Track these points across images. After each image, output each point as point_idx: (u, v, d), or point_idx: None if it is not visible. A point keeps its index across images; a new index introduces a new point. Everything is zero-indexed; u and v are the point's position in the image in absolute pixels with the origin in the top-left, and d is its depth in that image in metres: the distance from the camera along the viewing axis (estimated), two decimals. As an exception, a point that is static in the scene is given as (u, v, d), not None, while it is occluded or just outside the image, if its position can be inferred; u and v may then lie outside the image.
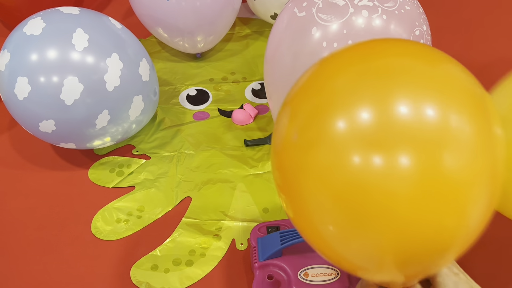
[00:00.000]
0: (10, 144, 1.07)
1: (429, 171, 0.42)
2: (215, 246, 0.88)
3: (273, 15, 1.23)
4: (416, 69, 0.46)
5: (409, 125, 0.42)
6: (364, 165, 0.43)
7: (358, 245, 0.47)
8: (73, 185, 0.98)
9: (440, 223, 0.44)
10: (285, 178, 0.51)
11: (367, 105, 0.44)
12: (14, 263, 0.86)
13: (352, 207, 0.45)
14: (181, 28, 1.12)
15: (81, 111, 0.86)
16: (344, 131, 0.44)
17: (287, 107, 0.52)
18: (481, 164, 0.45)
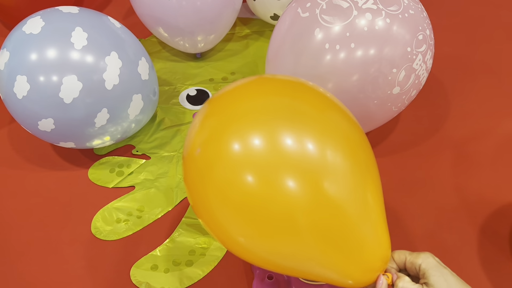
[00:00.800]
0: (10, 144, 1.07)
1: (313, 195, 0.52)
2: (215, 246, 0.88)
3: (273, 16, 1.23)
4: (306, 112, 0.56)
5: (291, 155, 0.52)
6: (257, 184, 0.51)
7: (260, 248, 0.56)
8: (73, 185, 0.98)
9: (324, 233, 0.53)
10: (191, 187, 0.59)
11: (260, 133, 0.52)
12: (14, 263, 0.86)
13: (251, 218, 0.53)
14: (181, 27, 1.12)
15: (80, 110, 0.86)
16: (240, 152, 0.52)
17: (196, 119, 0.60)
18: (353, 192, 0.54)
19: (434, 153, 1.02)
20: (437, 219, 0.91)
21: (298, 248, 0.54)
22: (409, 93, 0.88)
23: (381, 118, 0.92)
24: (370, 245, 0.57)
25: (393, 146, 1.04)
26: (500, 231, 0.88)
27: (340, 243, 0.55)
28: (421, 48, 0.85)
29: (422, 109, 1.12)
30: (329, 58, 0.83)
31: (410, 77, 0.85)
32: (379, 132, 1.06)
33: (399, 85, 0.85)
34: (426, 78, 0.90)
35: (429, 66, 0.89)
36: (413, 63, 0.84)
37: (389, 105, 0.87)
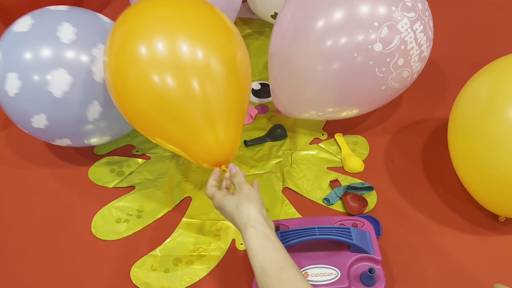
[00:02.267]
0: (10, 144, 1.07)
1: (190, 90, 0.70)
2: (215, 246, 0.88)
3: (274, 15, 1.23)
4: (202, 26, 0.72)
5: (185, 58, 0.69)
6: (162, 82, 0.69)
7: (162, 129, 0.74)
8: (73, 185, 0.98)
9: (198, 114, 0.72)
10: (112, 89, 0.76)
11: (162, 38, 0.69)
12: (14, 263, 0.86)
13: (160, 109, 0.71)
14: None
15: (72, 104, 0.86)
16: (147, 56, 0.68)
17: (111, 33, 0.74)
18: (229, 90, 0.73)
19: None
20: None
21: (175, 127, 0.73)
22: (395, 59, 0.87)
23: (369, 80, 0.90)
24: (221, 142, 0.75)
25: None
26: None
27: (197, 132, 0.73)
28: (409, 14, 0.87)
29: (423, 109, 1.12)
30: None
31: (394, 37, 0.86)
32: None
33: (381, 41, 0.86)
34: (418, 54, 0.90)
35: (420, 40, 0.89)
36: (398, 23, 0.86)
37: (371, 64, 0.87)
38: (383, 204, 0.94)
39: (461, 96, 0.89)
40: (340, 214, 0.92)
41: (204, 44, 0.71)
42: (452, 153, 0.90)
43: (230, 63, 0.74)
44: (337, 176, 0.98)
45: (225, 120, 0.74)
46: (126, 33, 0.72)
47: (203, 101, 0.71)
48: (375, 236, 0.82)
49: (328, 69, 0.89)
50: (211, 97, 0.71)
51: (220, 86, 0.72)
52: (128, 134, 1.07)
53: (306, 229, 0.77)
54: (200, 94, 0.71)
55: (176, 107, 0.71)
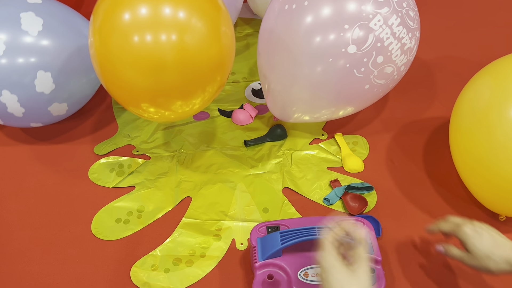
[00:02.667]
0: (10, 144, 1.07)
1: (178, 43, 0.76)
2: (215, 246, 0.88)
3: None
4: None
5: (168, 16, 0.75)
6: (142, 40, 0.74)
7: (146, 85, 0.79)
8: (73, 185, 0.98)
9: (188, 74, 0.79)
10: (99, 56, 0.80)
11: (144, 4, 0.75)
12: (14, 263, 0.86)
13: (144, 65, 0.76)
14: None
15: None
16: (129, 21, 0.74)
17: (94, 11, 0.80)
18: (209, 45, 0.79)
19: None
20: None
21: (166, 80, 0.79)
22: (373, 57, 0.87)
23: (350, 83, 0.90)
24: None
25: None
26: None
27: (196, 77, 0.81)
28: (382, 9, 0.85)
29: (423, 109, 1.12)
30: (286, 16, 0.90)
31: (367, 37, 0.85)
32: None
33: (354, 43, 0.85)
34: (399, 48, 0.88)
35: (399, 34, 0.87)
36: (370, 22, 0.84)
37: (348, 66, 0.87)
38: (383, 204, 0.94)
39: (463, 95, 0.89)
40: (340, 214, 0.92)
41: (187, 7, 0.77)
42: (453, 152, 0.90)
43: (213, 27, 0.80)
44: (337, 176, 0.98)
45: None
46: (109, 7, 0.78)
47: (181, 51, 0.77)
48: (375, 236, 0.82)
49: (312, 73, 0.89)
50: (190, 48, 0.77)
51: (199, 40, 0.78)
52: (128, 134, 1.07)
53: (306, 229, 0.77)
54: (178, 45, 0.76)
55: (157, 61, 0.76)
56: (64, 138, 1.08)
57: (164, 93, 0.80)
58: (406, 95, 1.15)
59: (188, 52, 0.77)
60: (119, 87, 0.82)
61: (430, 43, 1.29)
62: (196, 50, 0.77)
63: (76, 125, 1.11)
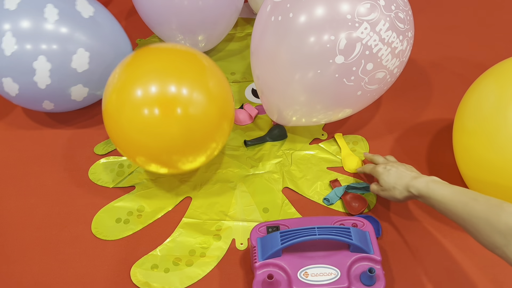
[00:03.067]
0: (10, 144, 1.07)
1: (177, 114, 0.81)
2: (215, 246, 0.88)
3: None
4: (184, 68, 0.85)
5: (168, 94, 0.81)
6: (150, 114, 0.80)
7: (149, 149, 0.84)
8: (74, 185, 0.98)
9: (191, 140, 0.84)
10: (109, 122, 0.86)
11: (154, 83, 0.81)
12: (15, 263, 0.86)
13: (149, 133, 0.81)
14: (183, 27, 1.12)
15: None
16: (141, 97, 0.80)
17: (112, 78, 0.86)
18: (210, 109, 0.84)
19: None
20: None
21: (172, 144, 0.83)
22: (362, 65, 0.85)
23: (342, 92, 0.89)
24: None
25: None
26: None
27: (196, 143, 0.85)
28: (368, 17, 0.83)
29: (423, 109, 1.12)
30: (274, 28, 0.89)
31: (355, 46, 0.84)
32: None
33: (341, 53, 0.84)
34: (389, 53, 0.87)
35: (388, 39, 0.85)
36: (356, 31, 0.83)
37: (337, 76, 0.86)
38: (383, 204, 0.94)
39: (467, 98, 0.89)
40: (340, 214, 0.92)
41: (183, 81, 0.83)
42: (456, 154, 0.90)
43: (204, 89, 0.84)
44: (337, 176, 0.98)
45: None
46: (125, 79, 0.84)
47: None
48: (375, 236, 0.82)
49: (303, 81, 0.89)
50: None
51: (197, 107, 0.83)
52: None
53: (306, 229, 0.77)
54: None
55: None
56: (64, 138, 1.08)
57: (173, 152, 0.85)
58: (408, 96, 1.15)
59: (189, 119, 0.81)
60: (129, 149, 0.86)
61: (431, 44, 1.29)
62: (196, 115, 0.82)
63: (76, 125, 1.11)
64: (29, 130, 1.10)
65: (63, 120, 1.12)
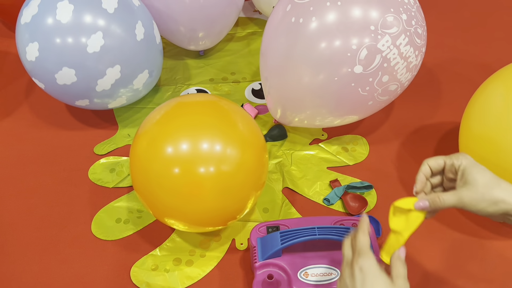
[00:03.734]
0: (10, 144, 1.07)
1: (217, 173, 0.75)
2: (215, 246, 0.88)
3: None
4: (214, 123, 0.78)
5: (205, 154, 0.75)
6: (180, 173, 0.74)
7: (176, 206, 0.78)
8: (74, 185, 0.98)
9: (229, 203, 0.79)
10: (137, 176, 0.80)
11: (185, 140, 0.76)
12: (14, 263, 0.86)
13: (178, 190, 0.76)
14: (184, 25, 1.12)
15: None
16: (171, 154, 0.75)
17: (140, 133, 0.81)
18: (247, 173, 0.78)
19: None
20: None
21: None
22: (378, 77, 0.86)
23: (354, 100, 0.90)
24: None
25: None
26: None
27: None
28: (390, 30, 0.83)
29: (421, 109, 1.12)
30: (292, 29, 0.87)
31: (374, 58, 0.84)
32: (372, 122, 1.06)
33: (360, 63, 0.84)
34: (404, 67, 0.87)
35: (406, 53, 0.86)
36: (378, 43, 0.83)
37: (353, 85, 0.86)
38: (383, 204, 0.94)
39: (474, 101, 0.88)
40: (340, 214, 0.92)
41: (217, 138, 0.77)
42: None
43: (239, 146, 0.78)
44: (337, 176, 0.98)
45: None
46: (155, 135, 0.79)
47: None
48: (375, 236, 0.82)
49: (315, 86, 0.89)
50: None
51: (233, 166, 0.77)
52: (128, 134, 1.07)
53: (306, 229, 0.77)
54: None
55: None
56: (64, 138, 1.08)
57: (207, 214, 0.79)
58: (414, 98, 1.14)
59: (224, 176, 0.76)
60: (157, 208, 0.80)
61: (437, 46, 1.28)
62: (232, 174, 0.76)
63: (76, 125, 1.11)
64: (29, 130, 1.10)
65: (63, 120, 1.12)
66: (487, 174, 0.60)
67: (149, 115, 0.83)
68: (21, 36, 0.94)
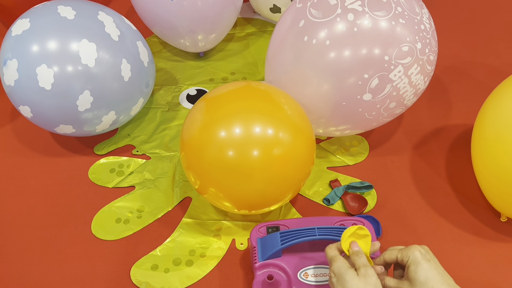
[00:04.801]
0: (10, 144, 1.07)
1: (269, 156, 0.78)
2: (215, 246, 0.88)
3: (272, 7, 1.23)
4: (264, 108, 0.81)
5: (257, 134, 0.78)
6: (235, 155, 0.77)
7: (234, 190, 0.81)
8: (73, 185, 0.98)
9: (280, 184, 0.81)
10: (190, 161, 0.82)
11: (237, 124, 0.78)
12: (15, 263, 0.86)
13: (231, 175, 0.78)
14: (182, 27, 1.12)
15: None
16: (224, 137, 0.78)
17: (193, 115, 0.83)
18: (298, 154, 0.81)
19: (434, 152, 1.03)
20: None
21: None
22: (386, 104, 0.86)
23: (358, 121, 0.90)
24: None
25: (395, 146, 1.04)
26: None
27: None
28: (404, 60, 0.82)
29: (422, 109, 1.12)
30: (303, 52, 0.85)
31: (385, 87, 0.83)
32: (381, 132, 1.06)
33: (370, 92, 0.84)
34: (412, 94, 0.87)
35: (415, 82, 0.86)
36: (390, 73, 0.82)
37: (360, 110, 0.86)
38: (383, 204, 0.94)
39: (487, 105, 0.86)
40: (340, 214, 0.92)
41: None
42: (475, 162, 0.88)
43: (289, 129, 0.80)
44: (337, 176, 0.98)
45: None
46: (207, 121, 0.81)
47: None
48: (375, 236, 0.82)
49: (321, 107, 0.89)
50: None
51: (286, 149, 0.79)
52: (128, 134, 1.07)
53: (306, 229, 0.77)
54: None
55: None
56: (64, 138, 1.08)
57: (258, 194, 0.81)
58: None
59: (275, 161, 0.78)
60: (209, 190, 0.83)
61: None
62: (283, 160, 0.79)
63: (76, 125, 1.11)
64: (29, 129, 1.10)
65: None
66: (429, 273, 0.63)
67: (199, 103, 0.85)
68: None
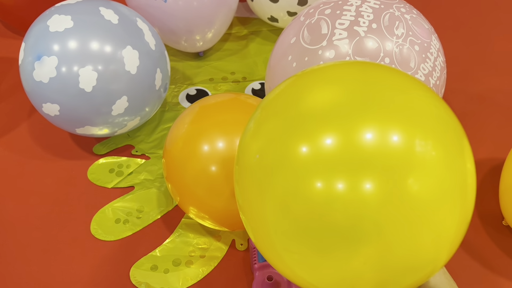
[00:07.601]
0: (10, 144, 1.07)
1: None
2: (215, 246, 0.88)
3: (270, 18, 1.23)
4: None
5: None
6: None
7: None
8: (73, 185, 0.98)
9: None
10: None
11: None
12: (14, 263, 0.86)
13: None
14: (178, 27, 1.12)
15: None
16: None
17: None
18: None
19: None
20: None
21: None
22: None
23: None
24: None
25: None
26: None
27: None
28: None
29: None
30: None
31: None
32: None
33: None
34: None
35: None
36: None
37: None
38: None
39: None
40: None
41: None
42: (502, 198, 0.84)
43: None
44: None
45: None
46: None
47: None
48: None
49: None
50: None
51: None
52: (128, 134, 1.07)
53: (306, 230, 0.77)
54: None
55: None
56: (64, 138, 1.08)
57: None
58: None
59: None
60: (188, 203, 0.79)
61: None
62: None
63: (75, 124, 1.11)
64: (28, 129, 1.10)
65: (63, 119, 1.12)
66: (438, 279, 0.58)
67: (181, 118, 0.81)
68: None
